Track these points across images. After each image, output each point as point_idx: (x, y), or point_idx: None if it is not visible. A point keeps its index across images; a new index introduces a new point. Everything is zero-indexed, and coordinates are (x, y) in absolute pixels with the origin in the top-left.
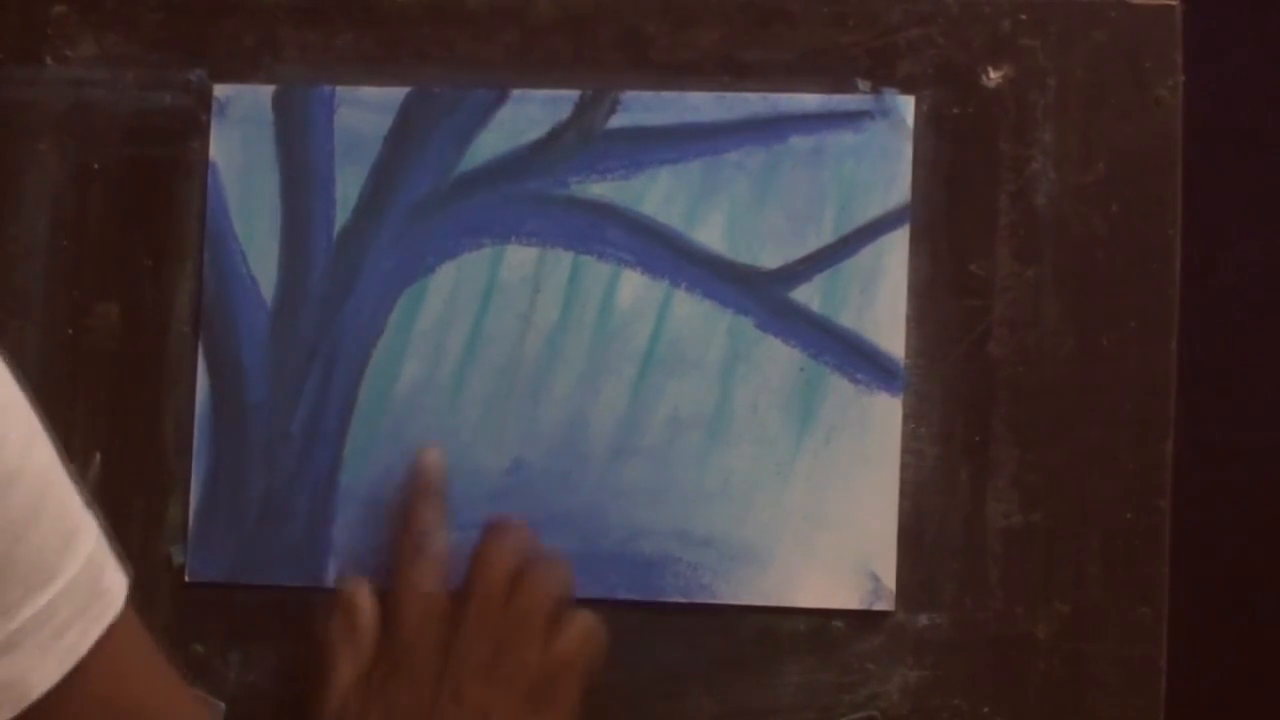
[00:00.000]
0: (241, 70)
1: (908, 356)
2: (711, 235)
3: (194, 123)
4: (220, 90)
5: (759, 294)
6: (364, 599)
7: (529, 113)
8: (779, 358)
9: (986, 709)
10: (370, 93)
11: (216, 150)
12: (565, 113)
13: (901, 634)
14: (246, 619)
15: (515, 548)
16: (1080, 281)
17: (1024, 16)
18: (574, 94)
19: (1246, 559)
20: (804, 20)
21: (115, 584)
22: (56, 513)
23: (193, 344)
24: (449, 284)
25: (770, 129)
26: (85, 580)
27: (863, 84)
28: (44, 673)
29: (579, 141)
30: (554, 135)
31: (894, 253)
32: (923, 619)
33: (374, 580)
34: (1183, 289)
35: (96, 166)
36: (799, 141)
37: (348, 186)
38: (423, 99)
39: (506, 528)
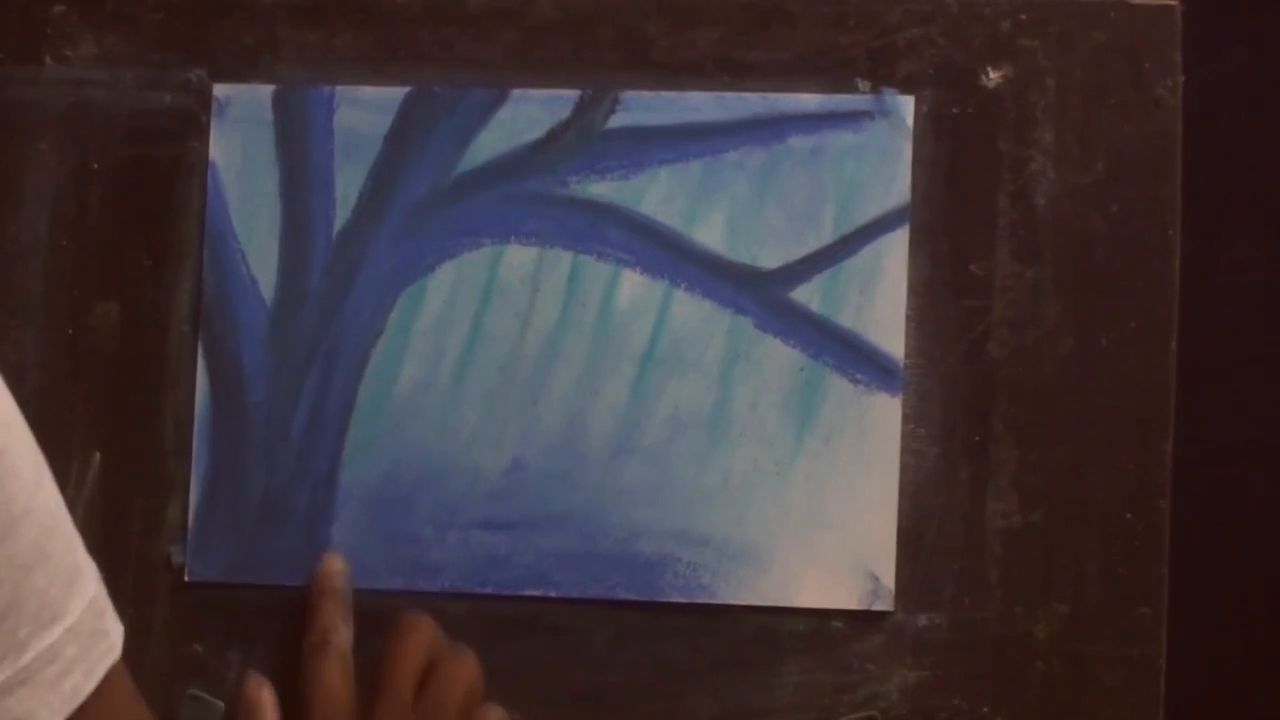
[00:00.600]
0: (241, 70)
1: (907, 356)
2: (711, 235)
3: (194, 123)
4: (220, 90)
5: (759, 294)
6: (267, 699)
7: (529, 113)
8: (779, 358)
9: (986, 709)
10: (370, 93)
11: (216, 150)
12: (565, 113)
13: (901, 634)
14: (246, 619)
15: (424, 644)
16: (1080, 281)
17: (1024, 16)
18: (574, 94)
19: (1246, 559)
20: (804, 20)
21: (114, 628)
22: (63, 552)
23: (193, 344)
24: (449, 284)
25: (770, 129)
26: (89, 620)
27: (862, 84)
28: (50, 711)
29: (579, 141)
30: (554, 135)
31: (894, 253)
32: (922, 619)
33: (278, 679)
34: (1183, 289)
35: (96, 166)
36: (799, 141)
37: (347, 186)
38: (422, 99)
39: (415, 624)
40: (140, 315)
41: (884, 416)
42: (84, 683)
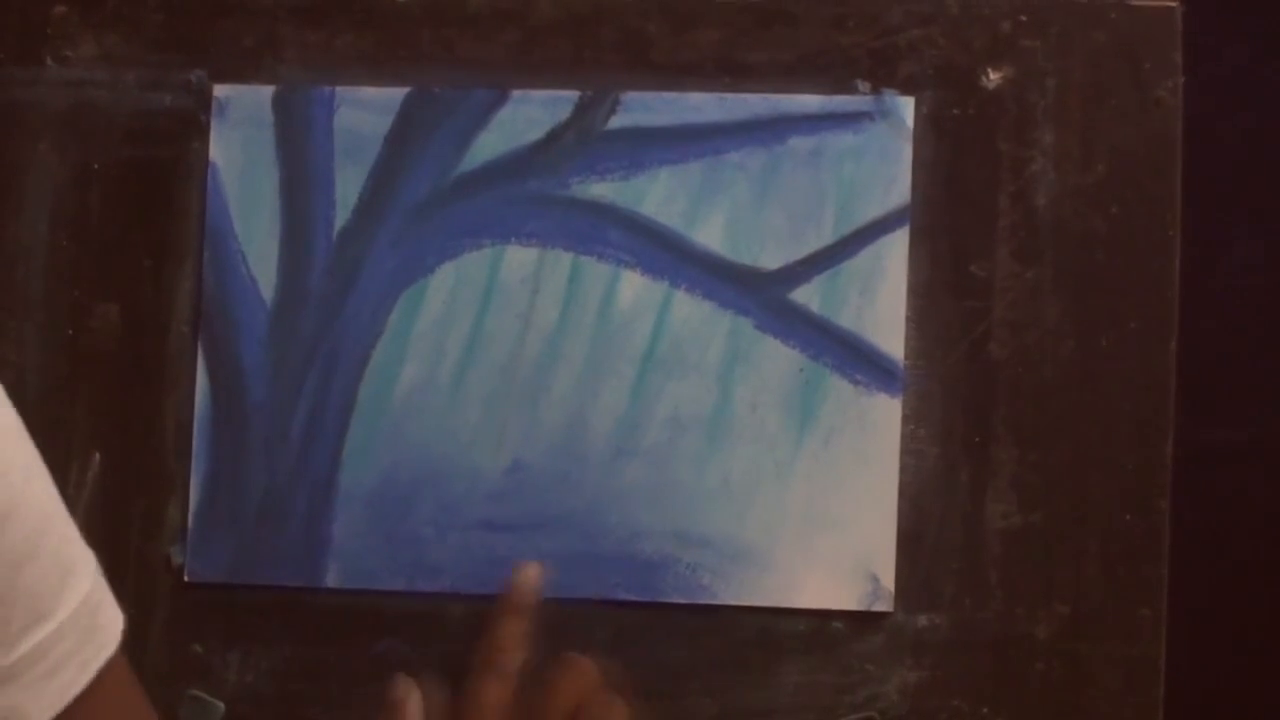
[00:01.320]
0: (241, 70)
1: (907, 357)
2: (711, 236)
3: (194, 123)
4: (220, 91)
5: (759, 295)
6: (414, 706)
7: (529, 113)
8: (778, 358)
9: (986, 709)
10: (370, 93)
11: (216, 151)
12: (565, 113)
13: (901, 634)
14: (245, 619)
15: (581, 685)
16: (1080, 281)
17: (1024, 17)
18: (574, 94)
19: (1246, 559)
20: (804, 21)
21: (111, 622)
22: (54, 548)
23: (192, 344)
24: (449, 284)
25: (770, 130)
26: (83, 616)
27: (863, 85)
28: (40, 706)
29: (579, 142)
30: (554, 136)
31: (894, 253)
32: (922, 619)
33: (435, 684)
34: (1183, 289)
35: (96, 166)
36: (799, 142)
37: (347, 187)
38: (423, 99)
39: (579, 662)
40: (140, 316)
41: (884, 417)
42: (77, 678)
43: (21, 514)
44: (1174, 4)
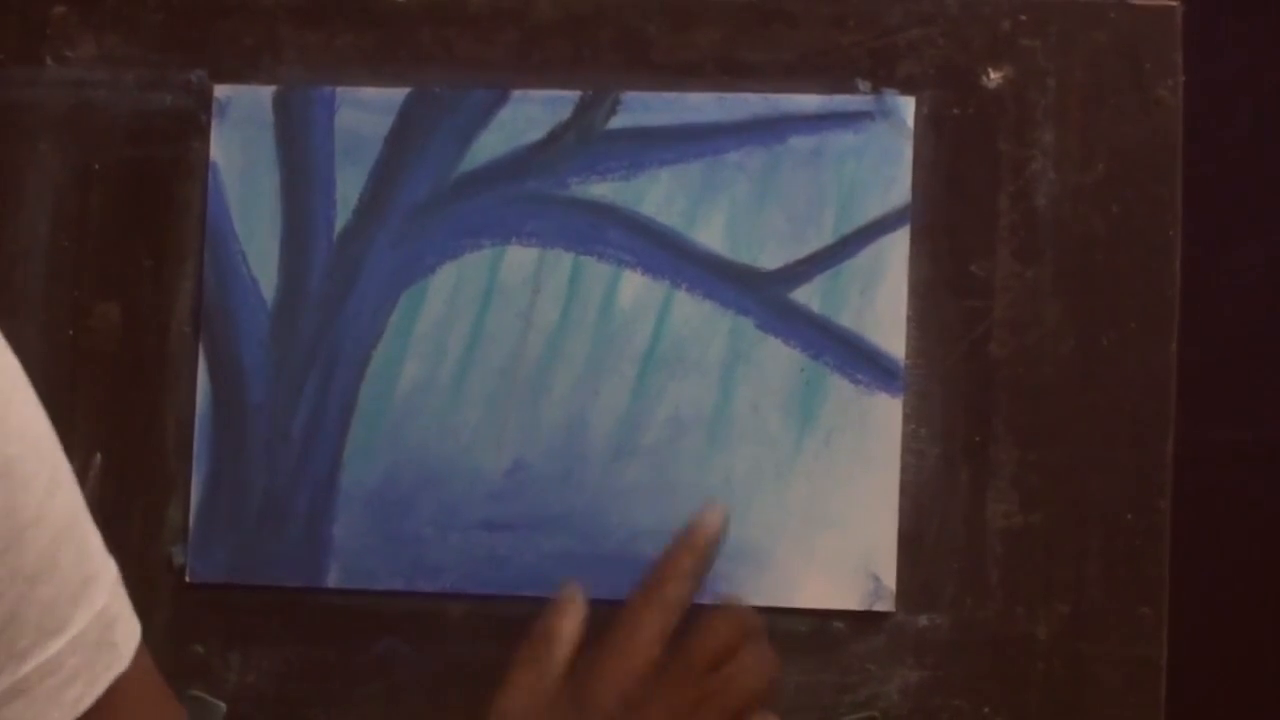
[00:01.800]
0: (242, 71)
1: (908, 357)
2: (712, 236)
3: (194, 123)
4: (220, 91)
5: (759, 294)
6: (577, 609)
7: (529, 113)
8: (779, 358)
9: (987, 709)
10: (370, 93)
11: (217, 151)
12: (565, 113)
13: (902, 634)
14: (246, 619)
15: (738, 627)
16: (1080, 281)
17: (1024, 17)
18: (574, 94)
19: (1246, 559)
20: (804, 21)
21: (126, 636)
22: (73, 561)
23: (193, 344)
24: (449, 284)
25: (770, 129)
26: (96, 631)
27: (863, 84)
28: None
29: (579, 142)
30: (554, 136)
31: (894, 253)
32: (923, 619)
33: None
34: (1183, 289)
35: (97, 167)
36: (799, 142)
37: (348, 187)
38: (423, 100)
39: (741, 609)
40: (141, 316)
41: (885, 417)
42: (86, 693)
43: (41, 527)
44: (1174, 4)
